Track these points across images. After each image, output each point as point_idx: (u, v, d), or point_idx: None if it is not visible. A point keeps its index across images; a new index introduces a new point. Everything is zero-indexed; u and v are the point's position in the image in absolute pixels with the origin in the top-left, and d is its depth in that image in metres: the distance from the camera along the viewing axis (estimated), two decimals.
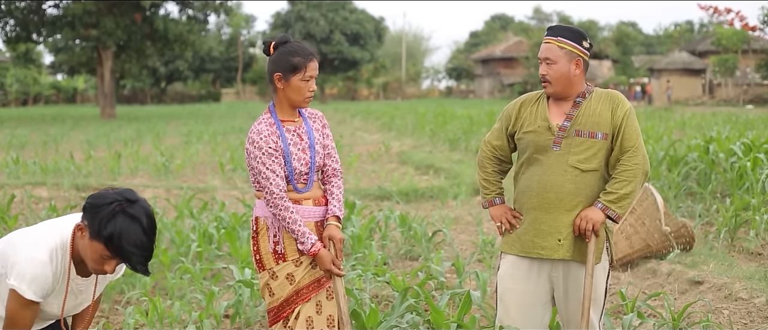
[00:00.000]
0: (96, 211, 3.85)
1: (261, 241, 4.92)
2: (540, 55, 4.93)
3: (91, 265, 3.96)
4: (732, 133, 18.04)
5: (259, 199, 4.93)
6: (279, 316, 4.92)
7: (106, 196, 3.89)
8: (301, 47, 4.80)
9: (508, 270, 5.03)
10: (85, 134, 32.05)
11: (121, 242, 3.79)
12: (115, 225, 3.79)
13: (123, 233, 3.79)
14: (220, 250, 9.68)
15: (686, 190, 12.92)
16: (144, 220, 3.85)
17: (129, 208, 3.84)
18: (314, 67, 4.82)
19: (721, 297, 7.73)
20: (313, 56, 4.82)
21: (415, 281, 7.61)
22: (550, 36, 4.91)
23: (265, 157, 4.73)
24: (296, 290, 4.88)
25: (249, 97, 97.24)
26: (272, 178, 4.72)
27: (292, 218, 4.73)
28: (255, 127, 4.81)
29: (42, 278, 3.95)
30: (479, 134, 26.00)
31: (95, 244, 3.85)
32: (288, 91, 4.81)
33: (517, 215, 5.07)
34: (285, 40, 4.84)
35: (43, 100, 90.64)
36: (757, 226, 10.07)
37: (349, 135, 31.09)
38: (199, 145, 25.52)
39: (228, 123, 39.24)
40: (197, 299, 7.67)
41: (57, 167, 18.80)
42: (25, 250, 3.97)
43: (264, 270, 4.93)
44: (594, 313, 5.00)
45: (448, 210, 13.43)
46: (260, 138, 4.76)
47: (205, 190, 15.40)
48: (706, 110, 45.99)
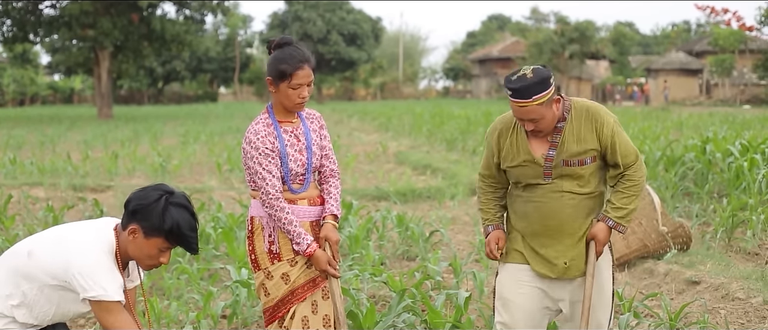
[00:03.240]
0: (148, 210, 4.06)
1: (256, 241, 4.93)
2: (522, 117, 4.65)
3: (147, 262, 4.17)
4: (729, 134, 18.08)
5: (254, 198, 4.93)
6: (275, 316, 4.93)
7: (149, 194, 4.11)
8: (291, 54, 4.76)
9: (509, 275, 4.97)
10: (82, 134, 32.03)
11: (181, 230, 4.06)
12: (172, 217, 4.05)
13: (180, 222, 4.05)
14: (217, 250, 9.69)
15: (683, 190, 12.93)
16: (188, 204, 4.14)
17: (173, 198, 4.10)
18: (304, 75, 4.76)
19: (718, 297, 7.73)
20: (303, 63, 4.76)
21: (412, 281, 7.61)
22: (523, 99, 4.57)
23: (261, 158, 4.73)
24: (291, 290, 4.89)
25: (246, 97, 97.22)
26: (268, 178, 4.72)
27: (287, 219, 4.74)
28: (252, 127, 4.82)
29: (113, 278, 4.06)
30: (476, 134, 25.99)
31: (154, 240, 4.08)
32: (278, 95, 4.81)
33: (500, 243, 5.04)
34: (284, 42, 4.82)
35: (40, 100, 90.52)
36: (754, 226, 10.08)
37: (346, 135, 31.07)
38: (196, 146, 25.50)
39: (225, 123, 39.22)
40: (194, 299, 7.67)
41: (54, 167, 18.80)
42: (85, 259, 4.04)
43: (259, 270, 4.94)
44: (604, 315, 4.99)
45: (446, 210, 13.43)
46: (257, 138, 4.76)
47: (202, 191, 15.39)
48: (703, 110, 46.02)
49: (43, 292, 4.07)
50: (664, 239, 9.19)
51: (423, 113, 41.08)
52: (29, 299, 4.08)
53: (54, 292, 4.06)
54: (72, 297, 4.06)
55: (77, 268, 3.98)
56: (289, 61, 4.72)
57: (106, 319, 4.02)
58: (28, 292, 4.07)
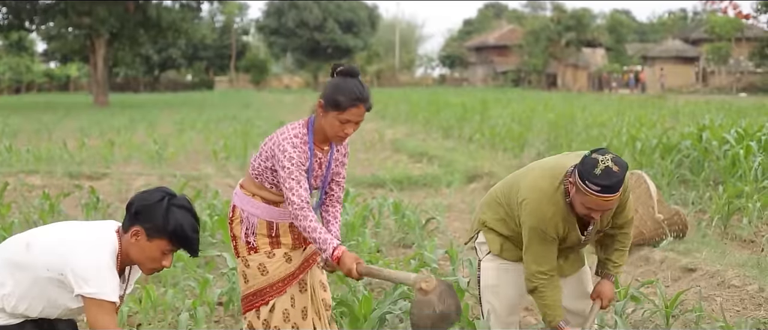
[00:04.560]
0: (151, 212, 4.03)
1: (235, 228, 4.98)
2: (602, 209, 4.55)
3: (150, 265, 4.14)
4: (725, 121, 18.06)
5: (242, 188, 4.96)
6: (252, 305, 4.97)
7: (152, 195, 4.09)
8: (351, 89, 4.67)
9: (496, 266, 5.06)
10: (78, 122, 31.97)
11: (184, 232, 4.04)
12: (176, 218, 4.02)
13: (183, 224, 4.03)
14: (213, 237, 9.69)
15: (679, 178, 12.93)
16: (190, 206, 4.11)
17: (175, 200, 4.08)
18: (356, 113, 4.69)
19: (713, 284, 7.74)
20: (361, 103, 4.67)
21: (408, 269, 7.61)
22: (613, 194, 4.43)
23: (293, 168, 4.68)
24: (270, 283, 4.91)
25: (242, 84, 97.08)
26: (296, 188, 4.67)
27: (312, 227, 4.68)
28: (289, 136, 4.74)
29: (112, 279, 4.02)
30: (472, 122, 25.99)
31: (157, 242, 4.04)
32: (324, 121, 4.73)
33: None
34: (349, 72, 4.76)
35: (35, 88, 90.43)
36: (750, 214, 10.09)
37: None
38: (192, 133, 25.46)
39: (221, 111, 39.16)
40: (190, 287, 7.67)
41: (50, 155, 18.76)
42: (87, 255, 4.01)
43: (238, 257, 4.99)
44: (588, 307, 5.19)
45: (442, 197, 13.43)
46: (295, 152, 4.70)
47: (199, 178, 15.37)
48: (699, 98, 46.03)
49: (36, 283, 4.04)
50: (660, 227, 9.20)
51: (419, 101, 41.05)
52: (21, 289, 4.05)
53: (47, 285, 4.03)
54: (65, 292, 4.02)
55: (76, 264, 3.95)
56: (347, 94, 4.65)
57: (96, 318, 3.95)
58: (22, 281, 4.04)
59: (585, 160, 4.47)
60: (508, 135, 21.11)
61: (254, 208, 4.89)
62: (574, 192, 4.54)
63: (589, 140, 17.56)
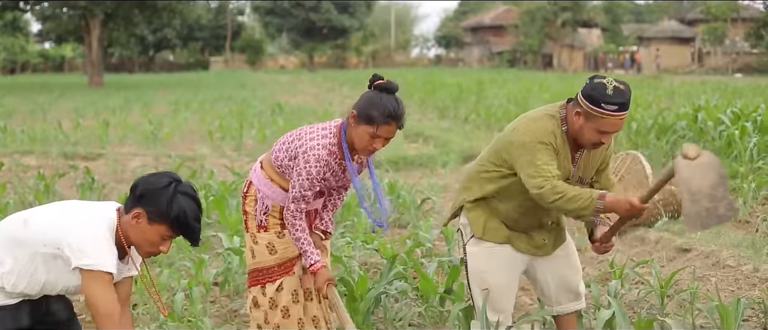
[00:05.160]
0: (156, 196, 4.00)
1: (248, 205, 4.98)
2: (615, 130, 4.60)
3: (147, 248, 4.11)
4: (720, 102, 18.09)
5: (262, 168, 4.95)
6: (258, 281, 4.98)
7: (159, 179, 4.07)
8: (386, 105, 4.57)
9: (484, 249, 5.02)
10: (73, 102, 31.94)
11: (187, 219, 4.03)
12: (180, 205, 4.01)
13: (187, 211, 4.02)
14: (208, 217, 9.69)
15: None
16: (195, 194, 4.13)
17: (181, 187, 4.07)
18: (388, 130, 4.60)
19: (708, 264, 7.76)
20: (393, 120, 4.58)
21: (403, 249, 7.62)
22: (625, 111, 4.54)
23: (307, 182, 4.67)
24: (279, 263, 4.92)
25: (238, 65, 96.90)
26: (299, 197, 4.70)
27: (299, 236, 4.75)
28: (318, 147, 4.68)
29: (110, 251, 4.01)
30: (468, 102, 25.99)
31: (158, 227, 4.02)
32: (354, 132, 4.65)
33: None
34: (386, 88, 4.64)
35: (30, 68, 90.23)
36: (745, 194, 10.10)
37: (338, 103, 31.03)
38: (187, 114, 25.44)
39: (216, 91, 39.12)
40: (186, 267, 7.67)
41: (45, 136, 18.77)
42: (84, 229, 4.00)
43: (248, 232, 5.00)
44: (580, 280, 5.26)
45: (437, 178, 13.44)
46: (318, 165, 4.67)
47: (194, 159, 15.37)
48: (694, 79, 46.04)
49: (34, 260, 4.03)
50: (655, 207, 9.21)
51: (415, 81, 41.02)
52: (20, 266, 4.04)
53: (45, 260, 4.02)
54: (63, 266, 4.00)
55: (73, 237, 3.93)
56: (382, 110, 4.56)
57: (92, 290, 3.93)
58: (20, 258, 4.03)
59: (591, 85, 4.53)
60: (504, 115, 21.10)
61: (270, 191, 4.89)
62: (584, 121, 4.57)
63: None
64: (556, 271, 5.14)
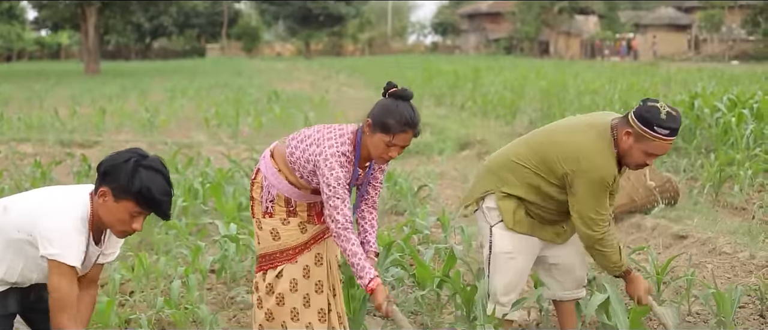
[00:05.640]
0: (117, 172, 3.96)
1: (255, 190, 4.94)
2: (663, 153, 4.82)
3: (119, 227, 4.06)
4: (717, 89, 18.07)
5: (272, 157, 4.89)
6: (261, 267, 4.95)
7: (120, 156, 4.02)
8: (402, 113, 4.55)
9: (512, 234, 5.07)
10: (70, 90, 31.90)
11: (151, 193, 3.95)
12: (142, 178, 3.94)
13: (151, 184, 3.94)
14: (205, 205, 9.69)
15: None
16: (162, 168, 4.03)
17: (145, 161, 3.99)
18: (404, 139, 4.58)
19: (704, 251, 7.77)
20: (409, 129, 4.57)
21: (400, 236, 7.63)
22: (674, 136, 4.72)
23: (339, 188, 4.59)
24: (281, 250, 4.87)
25: (234, 52, 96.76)
26: (340, 207, 4.59)
27: (352, 250, 4.62)
28: (337, 154, 4.63)
29: (76, 244, 4.00)
30: (464, 90, 25.98)
31: (124, 203, 3.97)
32: (370, 140, 4.63)
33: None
34: (401, 95, 4.62)
35: (26, 56, 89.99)
36: (741, 181, 10.11)
37: (334, 91, 31.03)
38: (183, 101, 25.44)
39: (213, 78, 39.07)
40: (183, 254, 7.67)
41: (41, 123, 18.74)
42: (55, 218, 4.00)
43: (254, 217, 4.97)
44: (584, 272, 5.43)
45: (434, 165, 13.45)
46: (342, 170, 4.62)
47: (190, 146, 15.38)
48: (691, 66, 46.00)
49: (9, 245, 4.05)
50: (651, 194, 9.22)
51: (412, 68, 40.98)
52: None
53: (20, 246, 4.03)
54: (35, 253, 4.02)
55: (44, 225, 3.96)
56: (398, 119, 4.54)
57: (54, 281, 3.97)
58: None
59: (646, 107, 4.64)
60: (501, 103, 21.10)
61: (277, 181, 4.84)
62: (633, 141, 4.69)
63: (582, 108, 17.54)
64: (567, 258, 5.26)
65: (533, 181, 4.95)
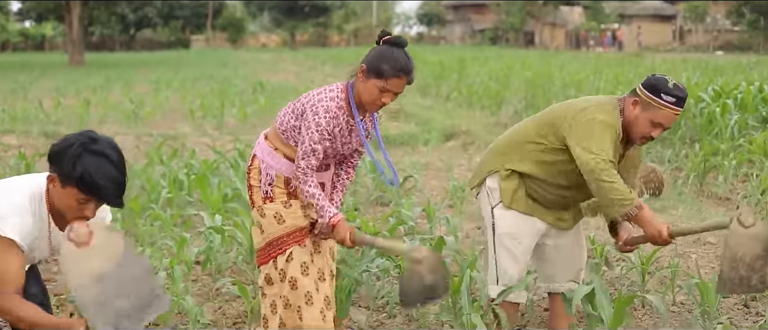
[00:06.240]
0: (61, 156, 3.79)
1: (253, 177, 4.89)
2: (668, 124, 4.74)
3: (71, 213, 3.90)
4: (702, 80, 18.14)
5: (266, 139, 4.87)
6: (269, 256, 4.87)
7: (67, 140, 3.84)
8: (397, 59, 4.55)
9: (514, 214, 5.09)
10: (54, 81, 31.80)
11: (93, 179, 3.76)
12: (83, 164, 3.75)
13: (92, 170, 3.75)
14: (190, 196, 9.67)
15: None
16: (110, 153, 3.83)
17: (92, 145, 3.80)
18: (397, 84, 4.57)
19: (689, 241, 7.80)
20: (404, 74, 4.55)
21: (385, 226, 7.62)
22: (682, 108, 4.73)
23: (317, 135, 4.59)
24: (287, 232, 4.81)
25: (219, 43, 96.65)
26: (309, 154, 4.60)
27: (311, 192, 4.64)
28: (325, 98, 4.65)
29: (21, 221, 3.88)
30: (450, 80, 25.99)
31: (68, 190, 3.80)
32: (363, 86, 4.62)
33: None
34: (396, 42, 4.64)
35: (10, 47, 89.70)
36: (726, 171, 10.15)
37: (320, 81, 30.97)
38: (168, 92, 25.38)
39: (198, 70, 39.00)
40: (168, 246, 7.65)
41: (26, 115, 18.68)
42: (7, 195, 3.92)
43: (254, 207, 4.90)
44: (583, 263, 5.44)
45: (419, 156, 13.45)
46: (327, 116, 4.61)
47: (175, 137, 15.34)
48: (676, 56, 46.12)
49: None
50: (636, 184, 9.23)
51: None
52: None
53: None
54: None
55: None
56: (392, 64, 4.54)
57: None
58: None
59: (654, 77, 4.73)
60: (486, 93, 21.13)
61: (275, 161, 4.80)
62: (640, 111, 4.71)
63: (567, 98, 17.55)
64: (566, 246, 5.28)
65: (538, 155, 4.95)
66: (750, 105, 13.05)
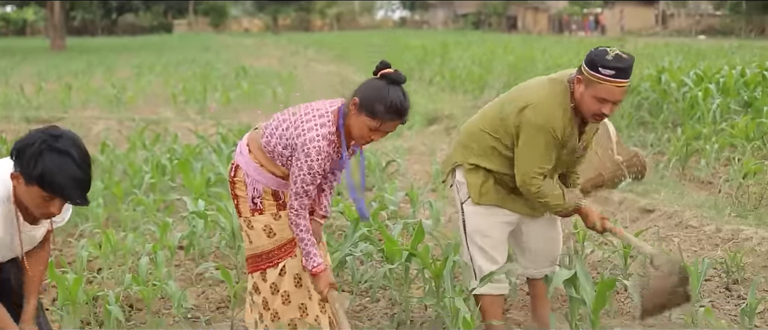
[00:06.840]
0: (23, 155, 3.72)
1: (238, 189, 4.70)
2: (617, 99, 4.58)
3: (36, 211, 3.87)
4: (684, 64, 18.17)
5: (250, 152, 4.64)
6: (258, 266, 4.75)
7: (30, 137, 3.77)
8: (392, 100, 4.30)
9: (482, 210, 5.05)
10: (35, 66, 31.66)
11: (54, 178, 3.69)
12: (44, 163, 3.69)
13: (54, 169, 3.69)
14: (173, 181, 9.66)
15: (638, 120, 13.01)
16: (73, 151, 3.75)
17: (55, 143, 3.72)
18: (390, 126, 4.37)
19: (671, 225, 7.83)
20: (398, 118, 4.35)
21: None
22: (626, 79, 4.58)
23: (309, 177, 4.38)
24: (278, 245, 4.69)
25: (201, 28, 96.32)
26: (302, 195, 4.42)
27: (300, 237, 4.47)
28: (318, 139, 4.37)
29: None
30: (433, 65, 25.98)
31: (31, 188, 3.74)
32: (353, 121, 4.38)
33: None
34: (394, 80, 4.36)
35: None
36: (708, 156, 10.17)
37: (303, 66, 30.94)
38: (150, 77, 25.31)
39: (180, 54, 38.88)
40: (151, 231, 7.65)
41: (7, 100, 18.62)
42: None
43: (241, 216, 4.74)
44: (558, 249, 5.46)
45: (402, 140, 13.44)
46: (320, 158, 4.37)
47: (158, 122, 15.31)
48: (658, 41, 46.18)
49: None
50: (618, 168, 9.22)
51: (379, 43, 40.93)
52: None
53: None
54: None
55: None
56: (388, 105, 4.29)
57: None
58: None
59: (593, 51, 4.60)
60: (469, 77, 21.14)
61: (260, 176, 4.60)
62: (584, 88, 4.60)
63: None
64: (540, 235, 5.24)
65: (495, 146, 4.89)
66: (732, 89, 13.08)
